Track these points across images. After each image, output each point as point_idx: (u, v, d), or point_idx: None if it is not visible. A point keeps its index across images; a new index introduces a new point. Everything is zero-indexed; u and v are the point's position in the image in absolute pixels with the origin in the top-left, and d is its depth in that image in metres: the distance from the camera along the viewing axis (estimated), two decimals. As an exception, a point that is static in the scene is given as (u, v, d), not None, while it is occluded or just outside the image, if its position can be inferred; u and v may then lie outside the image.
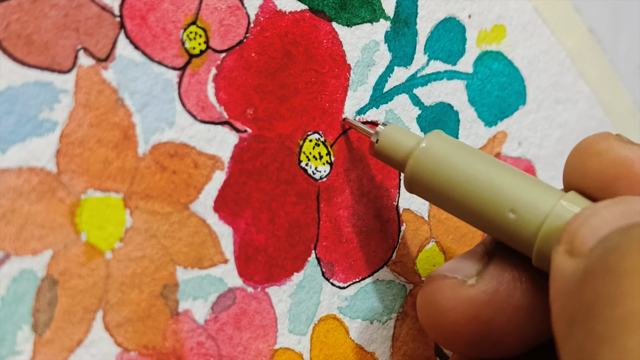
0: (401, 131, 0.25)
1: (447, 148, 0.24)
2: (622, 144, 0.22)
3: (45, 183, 0.21)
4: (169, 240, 0.24)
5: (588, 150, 0.22)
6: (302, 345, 0.27)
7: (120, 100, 0.23)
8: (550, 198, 0.22)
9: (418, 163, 0.24)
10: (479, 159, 0.23)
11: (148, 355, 0.23)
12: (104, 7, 0.22)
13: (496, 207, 0.22)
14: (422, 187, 0.24)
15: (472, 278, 0.23)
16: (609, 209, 0.20)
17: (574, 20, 0.35)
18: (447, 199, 0.23)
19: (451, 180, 0.23)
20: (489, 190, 0.22)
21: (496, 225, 0.22)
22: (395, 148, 0.25)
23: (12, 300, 0.21)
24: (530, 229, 0.22)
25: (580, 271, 0.19)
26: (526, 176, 0.23)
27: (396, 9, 0.29)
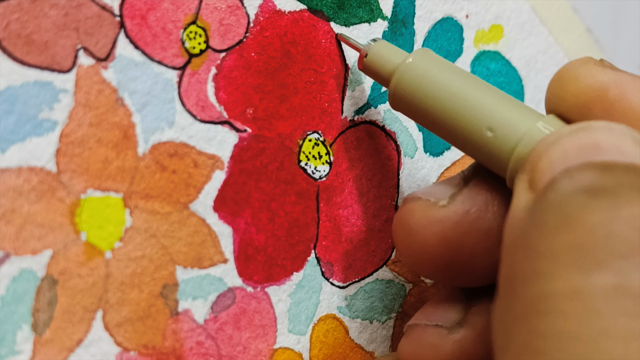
0: (390, 47, 0.25)
1: (433, 65, 0.24)
2: (600, 68, 0.21)
3: (45, 183, 0.21)
4: (169, 239, 0.24)
5: (567, 75, 0.22)
6: (302, 345, 0.27)
7: (120, 99, 0.23)
8: (529, 119, 0.22)
9: (402, 78, 0.24)
10: (462, 77, 0.23)
11: (148, 354, 0.23)
12: (104, 6, 0.22)
13: (474, 125, 0.22)
14: (405, 103, 0.24)
15: (444, 200, 0.23)
16: (570, 138, 0.19)
17: (572, 20, 0.35)
18: (428, 116, 0.23)
19: (433, 96, 0.23)
20: (469, 107, 0.22)
21: (474, 143, 0.22)
22: (383, 63, 0.25)
23: (12, 299, 0.21)
24: (506, 148, 0.22)
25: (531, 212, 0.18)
26: (509, 98, 0.23)
27: (394, 9, 0.29)
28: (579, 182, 0.17)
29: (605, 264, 0.16)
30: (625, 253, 0.16)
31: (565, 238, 0.16)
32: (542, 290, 0.16)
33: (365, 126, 0.28)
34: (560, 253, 0.16)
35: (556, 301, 0.16)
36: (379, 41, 0.26)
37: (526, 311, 0.16)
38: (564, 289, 0.16)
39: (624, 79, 0.21)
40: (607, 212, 0.16)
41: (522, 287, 0.17)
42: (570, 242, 0.16)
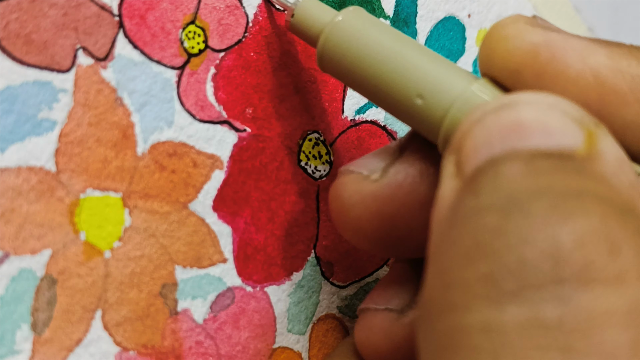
0: (320, 6, 0.23)
1: (363, 25, 0.22)
2: (531, 28, 0.20)
3: (44, 182, 0.21)
4: (168, 239, 0.24)
5: (496, 35, 0.20)
6: (301, 345, 0.27)
7: (119, 99, 0.23)
8: (460, 84, 0.20)
9: (329, 38, 0.22)
10: (393, 38, 0.21)
11: (147, 354, 0.23)
12: (103, 6, 0.22)
13: (404, 92, 0.21)
14: (332, 65, 0.22)
15: (377, 172, 0.22)
16: (494, 117, 0.17)
17: (574, 20, 0.35)
18: (357, 80, 0.22)
19: (361, 59, 0.21)
20: (398, 72, 0.21)
21: (404, 110, 0.21)
22: (311, 22, 0.23)
23: (11, 299, 0.21)
24: (437, 117, 0.20)
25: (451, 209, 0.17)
26: (442, 60, 0.21)
27: (395, 8, 0.29)
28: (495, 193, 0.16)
29: (518, 296, 0.15)
30: (538, 283, 0.15)
31: (477, 267, 0.15)
32: (456, 324, 0.15)
33: (367, 126, 0.28)
34: (473, 284, 0.15)
35: (470, 336, 0.15)
36: None
37: (441, 344, 0.16)
38: (478, 323, 0.15)
39: (555, 38, 0.19)
40: (519, 235, 0.15)
41: (437, 317, 0.16)
42: (482, 272, 0.15)
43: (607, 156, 0.17)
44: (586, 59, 0.19)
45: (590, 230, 0.15)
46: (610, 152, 0.17)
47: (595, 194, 0.16)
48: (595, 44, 0.19)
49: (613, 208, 0.16)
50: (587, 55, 0.19)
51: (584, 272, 0.15)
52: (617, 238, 0.15)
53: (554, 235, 0.15)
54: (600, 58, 0.19)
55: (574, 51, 0.19)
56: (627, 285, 0.15)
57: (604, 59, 0.19)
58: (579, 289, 0.15)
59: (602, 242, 0.15)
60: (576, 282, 0.15)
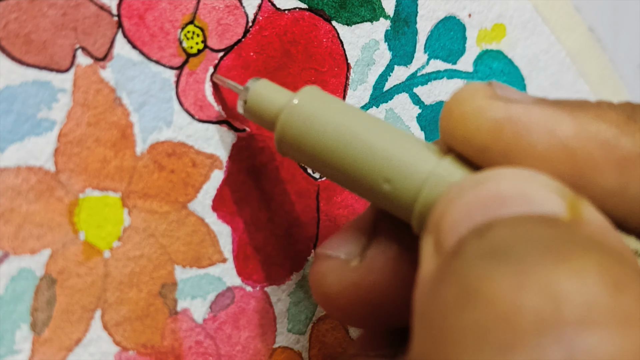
0: (273, 87, 0.22)
1: (321, 107, 0.21)
2: (489, 102, 0.19)
3: (43, 182, 0.21)
4: (168, 239, 0.24)
5: (455, 112, 0.19)
6: (301, 345, 0.27)
7: (118, 99, 0.23)
8: (426, 165, 0.19)
9: (287, 122, 0.21)
10: (355, 120, 0.21)
11: (147, 354, 0.23)
12: (102, 6, 0.22)
13: (370, 177, 0.20)
14: (293, 150, 0.21)
15: (355, 258, 0.21)
16: (472, 191, 0.17)
17: (574, 20, 0.35)
18: (319, 165, 0.21)
19: (322, 144, 0.21)
20: (362, 157, 0.20)
21: (372, 195, 0.20)
22: (266, 106, 0.22)
23: (11, 299, 0.21)
24: (407, 200, 0.19)
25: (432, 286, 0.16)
26: (405, 138, 0.20)
27: (396, 7, 0.29)
28: (481, 247, 0.15)
29: (518, 345, 0.14)
30: (539, 328, 0.14)
31: (470, 317, 0.14)
32: None
33: (367, 125, 0.28)
34: (466, 335, 0.14)
35: None
36: (259, 81, 0.23)
37: None
38: None
39: (517, 112, 0.18)
40: (514, 280, 0.14)
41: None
42: (476, 321, 0.14)
43: (592, 223, 0.16)
44: (553, 131, 0.18)
45: (590, 269, 0.14)
46: (594, 219, 0.16)
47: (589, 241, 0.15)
48: (559, 111, 0.18)
49: (609, 254, 0.15)
50: (553, 126, 0.18)
51: (586, 313, 0.14)
52: (618, 277, 0.14)
53: (552, 276, 0.14)
54: (567, 127, 0.18)
55: (539, 124, 0.18)
56: (632, 327, 0.14)
57: (571, 128, 0.18)
58: (583, 332, 0.14)
59: (603, 281, 0.14)
60: (579, 325, 0.14)
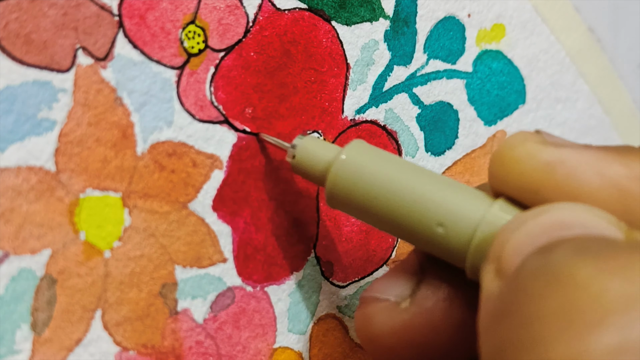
0: (319, 143, 0.23)
1: (368, 159, 0.22)
2: (541, 147, 0.20)
3: (44, 182, 0.21)
4: (168, 239, 0.24)
5: (507, 157, 0.20)
6: (302, 344, 0.27)
7: (119, 99, 0.23)
8: (479, 208, 0.20)
9: (337, 177, 0.22)
10: (402, 169, 0.22)
11: (147, 354, 0.23)
12: (103, 6, 0.22)
13: (423, 222, 0.21)
14: (344, 203, 0.22)
15: (405, 300, 0.22)
16: (533, 221, 0.18)
17: (574, 20, 0.35)
18: (371, 215, 0.22)
19: (374, 195, 0.22)
20: (415, 204, 0.21)
21: (425, 240, 0.21)
22: (314, 162, 0.23)
23: (11, 299, 0.21)
24: (461, 242, 0.20)
25: (503, 299, 0.17)
26: (453, 184, 0.21)
27: (396, 8, 0.29)
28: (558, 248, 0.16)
29: (604, 323, 0.14)
30: (624, 307, 0.14)
31: (556, 299, 0.15)
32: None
33: (367, 125, 0.28)
34: (553, 317, 0.15)
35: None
36: (305, 138, 0.24)
37: None
38: (563, 356, 0.14)
39: (569, 155, 0.19)
40: (597, 265, 0.15)
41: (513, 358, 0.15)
42: (562, 303, 0.15)
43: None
44: (604, 172, 0.19)
45: None
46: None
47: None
48: (608, 153, 0.19)
49: None
50: (603, 167, 0.19)
51: None
52: None
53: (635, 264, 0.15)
54: (618, 168, 0.19)
55: (590, 165, 0.19)
56: None
57: (621, 169, 0.19)
58: None
59: None
60: None
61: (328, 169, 0.22)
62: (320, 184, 0.23)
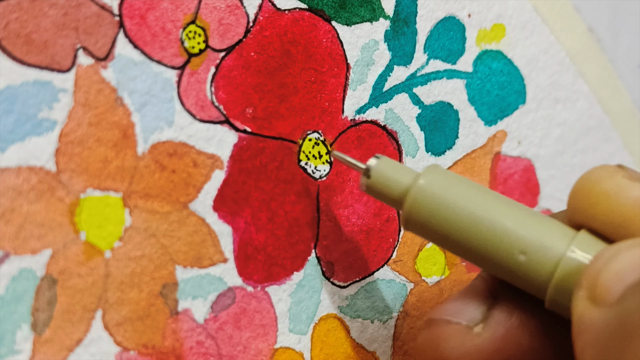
0: (394, 166, 0.23)
1: (447, 185, 0.22)
2: (630, 182, 0.20)
3: (44, 182, 0.21)
4: (168, 239, 0.24)
5: (594, 191, 0.20)
6: (303, 345, 0.27)
7: (120, 99, 0.23)
8: (563, 238, 0.21)
9: (416, 202, 0.22)
10: (481, 196, 0.22)
11: (147, 354, 0.23)
12: (103, 6, 0.22)
13: (505, 249, 0.21)
14: (421, 227, 0.22)
15: (478, 325, 0.22)
16: (632, 251, 0.18)
17: (574, 20, 0.35)
18: (450, 241, 0.22)
19: (453, 221, 0.22)
20: (496, 231, 0.21)
21: (505, 267, 0.21)
22: (390, 185, 0.23)
23: (12, 299, 0.21)
24: (543, 272, 0.20)
25: (614, 325, 0.17)
26: (534, 214, 0.22)
27: (396, 8, 0.29)
28: None
29: None
30: None
31: None
32: None
33: (367, 125, 0.28)
34: None
35: None
36: (381, 159, 0.24)
37: None
38: None
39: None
40: None
41: None
42: None
43: None
44: None
45: None
46: None
47: None
48: None
49: None
50: None
51: None
52: None
53: None
54: None
55: None
56: None
57: None
58: None
59: None
60: None
61: (405, 194, 0.22)
62: (396, 207, 0.23)
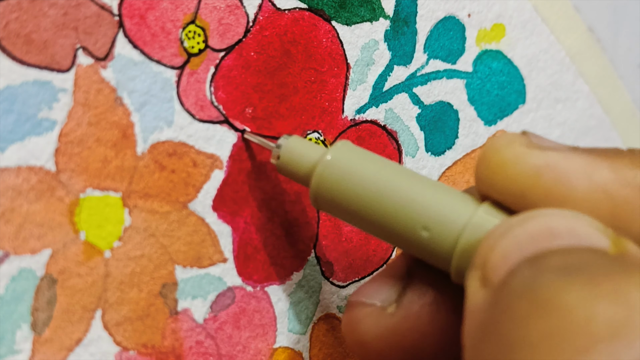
0: (304, 143, 0.23)
1: (354, 160, 0.22)
2: (527, 150, 0.19)
3: (44, 182, 0.21)
4: (168, 239, 0.24)
5: (493, 160, 0.20)
6: (302, 344, 0.27)
7: (119, 99, 0.23)
8: (464, 211, 0.20)
9: (322, 177, 0.22)
10: (388, 171, 0.21)
11: (147, 354, 0.23)
12: (103, 6, 0.22)
13: (408, 225, 0.21)
14: (329, 204, 0.22)
15: (391, 305, 0.22)
16: (520, 228, 0.18)
17: (574, 19, 0.35)
18: (356, 217, 0.22)
19: (359, 196, 0.21)
20: (400, 206, 0.21)
21: (410, 243, 0.21)
22: (298, 162, 0.23)
23: (11, 299, 0.21)
24: (446, 246, 0.20)
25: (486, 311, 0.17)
26: (439, 187, 0.21)
27: (396, 7, 0.29)
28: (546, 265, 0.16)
29: (592, 350, 0.14)
30: (613, 333, 0.14)
31: (542, 325, 0.15)
32: None
33: (367, 125, 0.28)
34: (539, 342, 0.15)
35: None
36: (291, 138, 0.23)
37: None
38: None
39: (556, 159, 0.19)
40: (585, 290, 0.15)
41: None
42: (549, 329, 0.15)
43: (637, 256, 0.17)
44: (591, 176, 0.18)
45: None
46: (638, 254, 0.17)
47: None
48: (596, 157, 0.19)
49: None
50: (591, 172, 0.19)
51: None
52: None
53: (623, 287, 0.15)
54: (605, 173, 0.18)
55: (577, 170, 0.19)
56: None
57: (609, 174, 0.18)
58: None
59: None
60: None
61: (313, 170, 0.22)
62: (305, 184, 0.23)
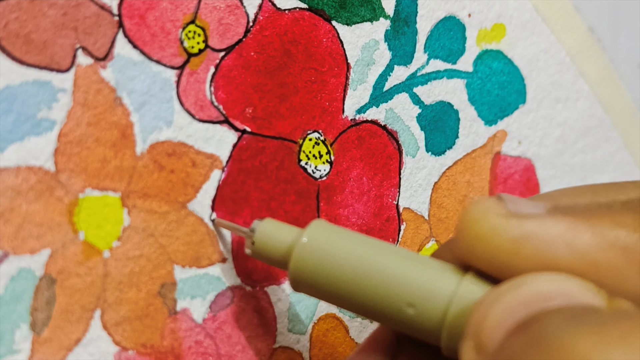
0: (279, 226, 0.23)
1: (331, 240, 0.21)
2: (504, 221, 0.19)
3: (43, 182, 0.21)
4: (167, 239, 0.24)
5: (471, 233, 0.19)
6: (302, 344, 0.27)
7: (119, 99, 0.23)
8: (449, 284, 0.20)
9: (300, 261, 0.21)
10: (367, 249, 0.21)
11: (146, 354, 0.23)
12: (103, 6, 0.22)
13: (393, 303, 0.20)
14: (309, 287, 0.21)
15: None
16: (511, 294, 0.17)
17: (574, 19, 0.35)
18: (339, 298, 0.21)
19: (339, 277, 0.21)
20: (382, 285, 0.20)
21: (396, 320, 0.20)
22: (274, 246, 0.22)
23: (11, 299, 0.21)
24: (434, 322, 0.19)
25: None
26: (420, 260, 0.21)
27: (396, 7, 0.29)
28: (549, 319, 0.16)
29: None
30: None
31: None
32: None
33: (367, 125, 0.28)
34: None
35: None
36: (264, 222, 0.23)
37: None
38: None
39: (534, 228, 0.18)
40: (596, 336, 0.15)
41: None
42: None
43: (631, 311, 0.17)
44: (572, 244, 0.18)
45: None
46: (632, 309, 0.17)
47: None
48: (574, 221, 0.18)
49: None
50: (571, 239, 0.18)
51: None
52: None
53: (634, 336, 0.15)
54: (586, 238, 0.18)
55: (557, 238, 0.18)
56: None
57: (590, 238, 0.18)
58: None
59: None
60: None
61: (290, 253, 0.21)
62: (283, 268, 0.22)
